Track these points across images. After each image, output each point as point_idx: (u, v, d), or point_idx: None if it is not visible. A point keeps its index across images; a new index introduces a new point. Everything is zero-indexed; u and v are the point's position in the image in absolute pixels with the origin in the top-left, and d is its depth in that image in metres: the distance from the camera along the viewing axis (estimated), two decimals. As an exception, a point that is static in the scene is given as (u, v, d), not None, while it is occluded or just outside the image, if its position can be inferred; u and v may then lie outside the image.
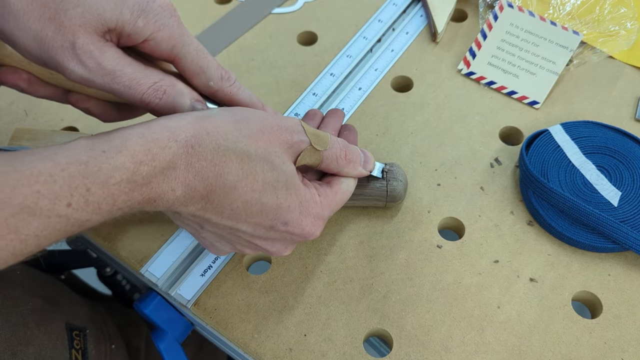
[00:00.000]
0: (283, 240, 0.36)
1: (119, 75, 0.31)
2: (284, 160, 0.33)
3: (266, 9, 0.62)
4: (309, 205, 0.35)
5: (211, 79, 0.35)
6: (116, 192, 0.27)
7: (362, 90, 0.54)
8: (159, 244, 0.45)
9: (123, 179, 0.27)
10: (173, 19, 0.33)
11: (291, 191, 0.34)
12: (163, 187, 0.29)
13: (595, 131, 0.48)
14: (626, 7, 0.57)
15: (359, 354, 0.40)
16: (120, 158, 0.27)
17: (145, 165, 0.28)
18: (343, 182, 0.38)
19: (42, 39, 0.30)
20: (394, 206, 0.46)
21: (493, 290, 0.42)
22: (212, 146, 0.30)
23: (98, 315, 0.56)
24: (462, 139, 0.51)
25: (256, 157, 0.32)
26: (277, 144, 0.33)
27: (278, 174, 0.33)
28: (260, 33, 0.60)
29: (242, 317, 0.41)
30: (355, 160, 0.39)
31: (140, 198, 0.28)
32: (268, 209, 0.33)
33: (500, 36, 0.56)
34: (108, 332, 0.55)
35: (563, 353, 0.39)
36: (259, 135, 0.32)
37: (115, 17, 0.30)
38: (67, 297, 0.54)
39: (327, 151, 0.36)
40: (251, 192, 0.32)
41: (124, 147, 0.28)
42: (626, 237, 0.42)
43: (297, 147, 0.34)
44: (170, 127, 0.30)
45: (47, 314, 0.48)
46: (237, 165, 0.31)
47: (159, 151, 0.29)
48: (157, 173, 0.29)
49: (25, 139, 0.49)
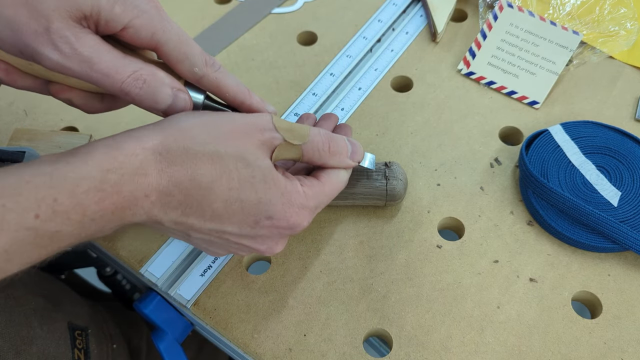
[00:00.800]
0: (271, 236, 0.35)
1: (96, 62, 0.30)
2: (257, 156, 0.33)
3: (266, 9, 0.62)
4: (292, 195, 0.34)
5: (196, 64, 0.33)
6: (85, 201, 0.27)
7: (362, 90, 0.54)
8: (159, 244, 0.45)
9: (91, 187, 0.27)
10: (151, 4, 0.32)
11: (270, 184, 0.33)
12: (135, 194, 0.29)
13: (595, 131, 0.48)
14: (626, 7, 0.57)
15: (359, 354, 0.40)
16: (86, 167, 0.27)
17: (112, 173, 0.28)
18: (332, 174, 0.37)
19: (15, 24, 0.29)
20: (394, 205, 0.46)
21: (493, 290, 0.42)
22: (180, 151, 0.30)
23: (99, 315, 0.56)
24: (462, 139, 0.51)
25: (227, 155, 0.31)
26: (247, 142, 0.33)
27: (253, 169, 0.32)
28: (260, 33, 0.60)
29: (242, 317, 0.41)
30: (341, 151, 0.37)
31: (112, 207, 0.28)
32: (249, 206, 0.32)
33: (500, 36, 0.56)
34: (109, 332, 0.55)
35: (563, 353, 0.39)
36: (228, 135, 0.32)
37: (91, 2, 0.29)
38: (68, 297, 0.54)
39: (307, 144, 0.35)
40: (229, 191, 0.31)
41: (89, 158, 0.28)
42: (626, 237, 0.42)
43: (269, 144, 0.34)
44: (136, 136, 0.30)
45: (49, 314, 0.48)
46: (210, 166, 0.31)
47: (125, 159, 0.28)
48: (126, 181, 0.28)
49: (25, 139, 0.49)
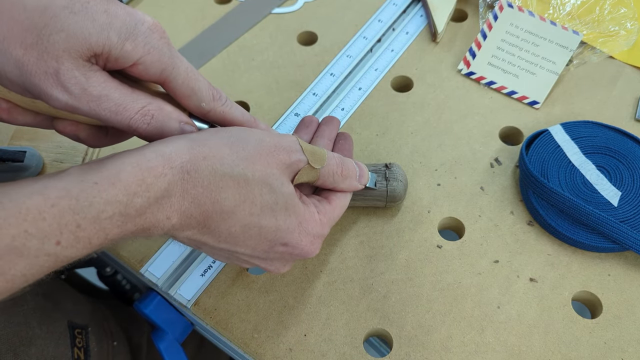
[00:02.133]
0: (281, 259, 0.36)
1: (104, 100, 0.30)
2: (282, 182, 0.33)
3: (266, 9, 0.62)
4: (309, 224, 0.35)
5: (203, 100, 0.33)
6: (108, 227, 0.27)
7: (362, 90, 0.54)
8: (159, 244, 0.45)
9: (115, 213, 0.27)
10: (162, 41, 0.31)
11: (290, 212, 0.33)
12: (158, 216, 0.29)
13: (595, 131, 0.48)
14: (626, 7, 0.57)
15: (359, 354, 0.40)
16: (113, 191, 0.27)
17: (139, 197, 0.27)
18: (342, 197, 0.39)
19: (24, 65, 0.28)
20: (394, 206, 0.46)
21: (493, 290, 0.42)
22: (208, 171, 0.30)
23: (99, 312, 0.56)
24: (462, 139, 0.51)
25: (254, 180, 0.31)
26: (274, 165, 0.33)
27: (277, 196, 0.32)
28: (260, 33, 0.60)
29: (242, 317, 0.42)
30: (352, 175, 0.39)
31: (133, 229, 0.28)
32: (267, 232, 0.33)
33: (500, 36, 0.56)
34: (110, 330, 0.55)
35: (563, 353, 0.39)
36: (256, 158, 0.32)
37: (102, 41, 0.29)
38: (68, 296, 0.54)
39: (324, 168, 0.36)
40: (250, 217, 0.32)
41: (116, 179, 0.27)
42: (626, 237, 0.42)
43: (294, 167, 0.34)
44: (165, 154, 0.29)
45: (49, 313, 0.48)
46: (235, 190, 0.31)
47: (153, 180, 0.28)
48: (151, 204, 0.28)
49: (25, 138, 0.49)
